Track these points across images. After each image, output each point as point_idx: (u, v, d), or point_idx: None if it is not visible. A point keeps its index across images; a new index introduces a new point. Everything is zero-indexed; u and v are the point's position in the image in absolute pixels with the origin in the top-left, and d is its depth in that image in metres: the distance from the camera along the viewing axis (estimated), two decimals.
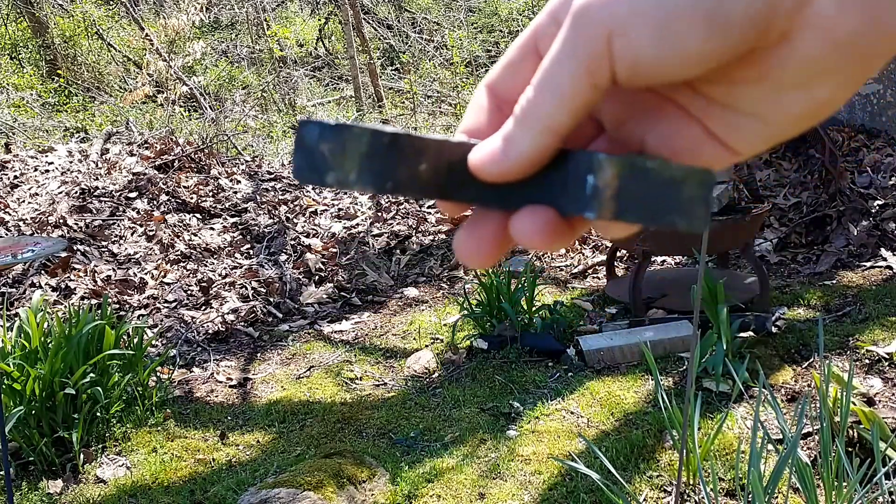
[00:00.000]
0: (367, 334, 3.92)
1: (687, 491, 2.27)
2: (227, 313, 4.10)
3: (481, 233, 0.34)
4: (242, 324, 4.05)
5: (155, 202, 5.33)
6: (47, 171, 5.76)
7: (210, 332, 3.93)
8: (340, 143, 0.30)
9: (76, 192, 5.27)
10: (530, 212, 0.32)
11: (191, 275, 4.49)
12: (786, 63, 0.29)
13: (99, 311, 3.09)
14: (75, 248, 4.59)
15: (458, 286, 4.41)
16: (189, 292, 4.31)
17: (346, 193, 5.91)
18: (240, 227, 5.22)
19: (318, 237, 5.18)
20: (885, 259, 4.00)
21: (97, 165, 5.88)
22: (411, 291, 4.45)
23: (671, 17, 0.28)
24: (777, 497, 2.11)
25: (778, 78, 0.29)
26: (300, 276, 4.62)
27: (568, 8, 0.31)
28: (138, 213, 5.14)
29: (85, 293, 4.16)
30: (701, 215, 0.29)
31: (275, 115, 10.56)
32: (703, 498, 2.21)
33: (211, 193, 5.67)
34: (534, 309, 3.55)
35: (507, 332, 3.44)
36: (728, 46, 0.28)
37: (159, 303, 4.20)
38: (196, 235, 5.00)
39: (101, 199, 5.21)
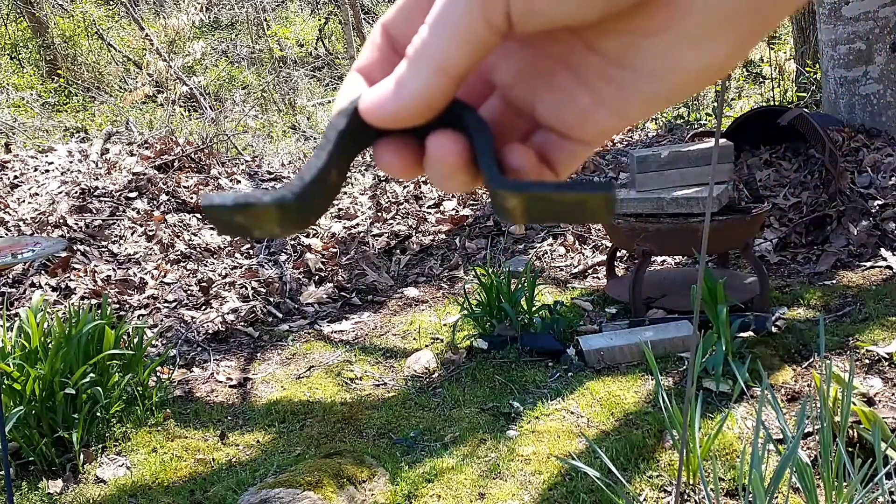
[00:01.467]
0: (367, 334, 3.92)
1: (687, 491, 2.27)
2: (227, 313, 4.10)
3: (399, 146, 0.33)
4: (242, 324, 4.05)
5: (155, 202, 5.33)
6: (47, 171, 5.76)
7: (210, 332, 3.93)
8: (252, 216, 0.31)
9: (76, 192, 5.27)
10: (452, 137, 0.32)
11: (191, 275, 4.49)
12: (686, 14, 0.28)
13: (99, 311, 3.09)
14: (75, 248, 4.59)
15: (458, 286, 4.41)
16: (189, 292, 4.31)
17: (345, 193, 5.91)
18: None
19: (318, 237, 5.19)
20: (885, 259, 4.00)
21: (97, 165, 5.88)
22: (411, 291, 4.45)
23: None
24: (777, 497, 2.11)
25: (677, 30, 0.29)
26: (300, 276, 4.63)
27: None
28: (138, 213, 5.14)
29: (85, 293, 4.16)
30: (605, 219, 0.31)
31: (275, 115, 10.56)
32: (703, 498, 2.21)
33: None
34: (534, 309, 3.55)
35: (507, 332, 3.43)
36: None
37: (159, 303, 4.20)
38: (196, 235, 5.00)
39: (101, 199, 5.21)
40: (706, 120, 6.97)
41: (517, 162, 0.33)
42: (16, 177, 5.60)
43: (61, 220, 4.83)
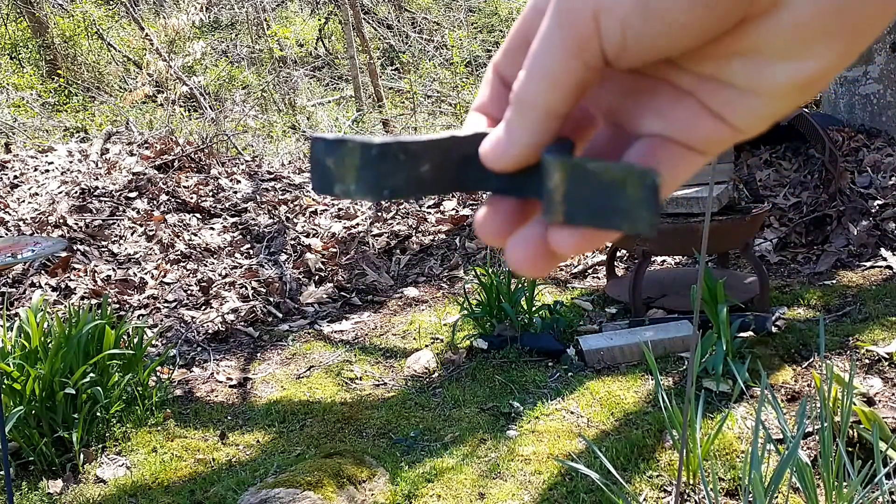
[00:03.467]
0: (367, 334, 3.92)
1: (687, 491, 2.27)
2: (227, 313, 4.10)
3: (502, 216, 0.34)
4: (242, 324, 4.05)
5: (155, 202, 5.33)
6: (47, 170, 5.76)
7: (210, 331, 3.93)
8: (340, 157, 0.32)
9: (76, 192, 5.27)
10: (523, 238, 0.33)
11: (191, 275, 4.49)
12: (776, 32, 0.28)
13: (99, 311, 3.09)
14: (75, 248, 4.59)
15: (458, 286, 4.41)
16: (189, 292, 4.31)
17: None
18: (240, 226, 5.22)
19: (318, 237, 5.18)
20: (885, 259, 4.00)
21: (97, 165, 5.88)
22: (411, 291, 4.44)
23: None
24: (777, 497, 2.11)
25: (769, 49, 0.29)
26: (300, 276, 4.62)
27: None
28: (138, 212, 5.14)
29: (85, 293, 4.16)
30: (645, 218, 0.29)
31: (275, 115, 10.56)
32: (703, 498, 2.21)
33: (211, 193, 5.67)
34: (534, 309, 3.54)
35: (507, 332, 3.43)
36: (716, 17, 0.28)
37: (159, 303, 4.20)
38: (196, 235, 5.00)
39: (101, 198, 5.21)
40: None
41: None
42: (16, 177, 5.60)
43: (61, 220, 4.83)
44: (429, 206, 5.52)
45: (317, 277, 4.63)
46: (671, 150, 0.33)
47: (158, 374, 3.37)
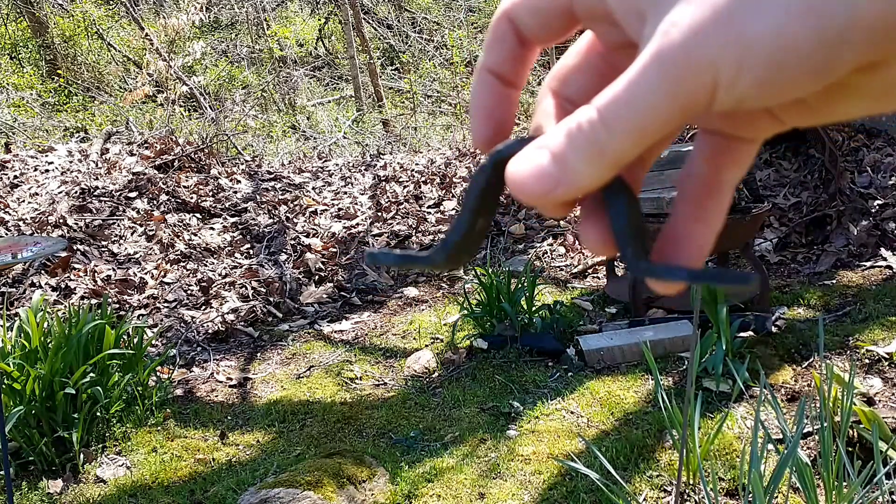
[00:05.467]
0: (367, 334, 3.92)
1: (687, 491, 2.27)
2: (227, 313, 4.10)
3: (599, 224, 0.32)
4: (242, 323, 4.05)
5: (155, 202, 5.33)
6: (47, 170, 5.76)
7: (210, 331, 3.93)
8: (407, 266, 0.33)
9: (76, 192, 5.27)
10: (596, 226, 0.32)
11: (191, 275, 4.49)
12: (875, 82, 0.27)
13: (99, 311, 3.09)
14: (75, 247, 4.59)
15: (458, 286, 4.41)
16: (189, 292, 4.31)
17: (345, 193, 5.90)
18: (240, 226, 5.22)
19: (318, 237, 5.18)
20: (885, 259, 4.00)
21: (97, 165, 5.88)
22: (411, 291, 4.45)
23: (787, 53, 0.25)
24: (777, 497, 2.11)
25: (858, 91, 0.28)
26: (300, 276, 4.62)
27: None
28: (138, 212, 5.14)
29: (85, 293, 4.16)
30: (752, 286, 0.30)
31: (275, 114, 10.56)
32: (703, 498, 2.21)
33: (211, 193, 5.67)
34: (534, 309, 3.55)
35: (507, 332, 3.43)
36: (823, 85, 0.26)
37: (159, 302, 4.20)
38: (196, 235, 5.00)
39: (101, 198, 5.21)
40: None
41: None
42: (16, 177, 5.60)
43: (61, 220, 4.83)
44: (429, 207, 5.51)
45: (317, 277, 4.63)
46: (732, 145, 0.32)
47: (158, 374, 3.37)
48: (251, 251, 4.91)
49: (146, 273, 4.46)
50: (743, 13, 0.25)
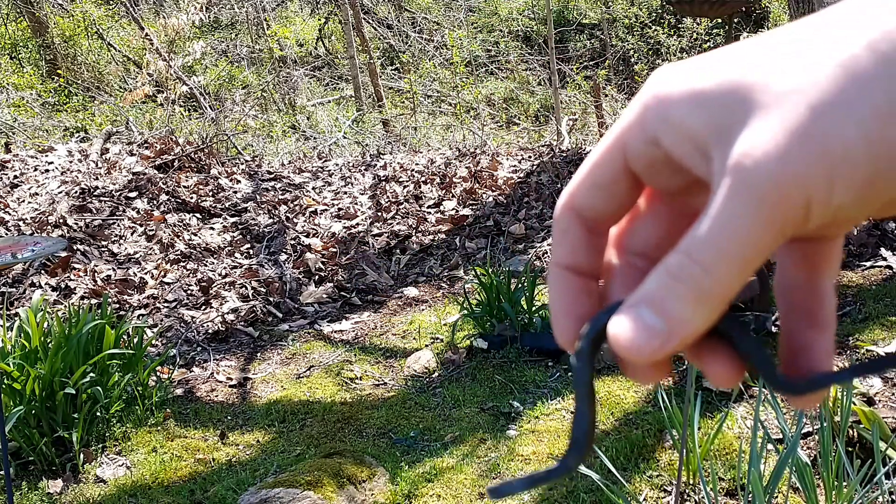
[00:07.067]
0: (367, 334, 3.92)
1: (687, 490, 2.27)
2: (227, 313, 4.10)
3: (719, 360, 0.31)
4: (242, 323, 4.05)
5: (155, 202, 5.33)
6: (47, 170, 5.76)
7: (210, 331, 3.93)
8: (541, 484, 0.32)
9: (76, 192, 5.27)
10: (728, 363, 0.30)
11: (191, 274, 4.49)
12: None
13: (99, 311, 3.09)
14: (75, 247, 4.59)
15: (458, 286, 4.41)
16: (189, 292, 4.31)
17: (345, 193, 5.91)
18: (240, 226, 5.22)
19: (318, 237, 5.18)
20: (885, 259, 4.00)
21: (97, 165, 5.88)
22: (411, 291, 4.45)
23: (880, 158, 0.24)
24: (777, 497, 2.11)
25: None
26: (300, 276, 4.62)
27: (660, 114, 0.27)
28: (138, 212, 5.15)
29: (85, 293, 4.16)
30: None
31: (275, 114, 10.56)
32: (703, 498, 2.21)
33: (211, 193, 5.67)
34: (534, 309, 3.55)
35: (507, 331, 3.44)
36: None
37: (159, 302, 4.20)
38: (196, 235, 5.00)
39: (101, 198, 5.21)
40: None
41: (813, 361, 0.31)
42: (16, 177, 5.60)
43: (61, 220, 4.83)
44: (429, 207, 5.52)
45: (317, 277, 4.63)
46: (821, 247, 0.31)
47: (158, 373, 3.37)
48: (251, 251, 4.91)
49: (146, 273, 4.46)
50: (824, 123, 0.24)
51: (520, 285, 3.52)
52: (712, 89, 0.26)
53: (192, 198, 5.48)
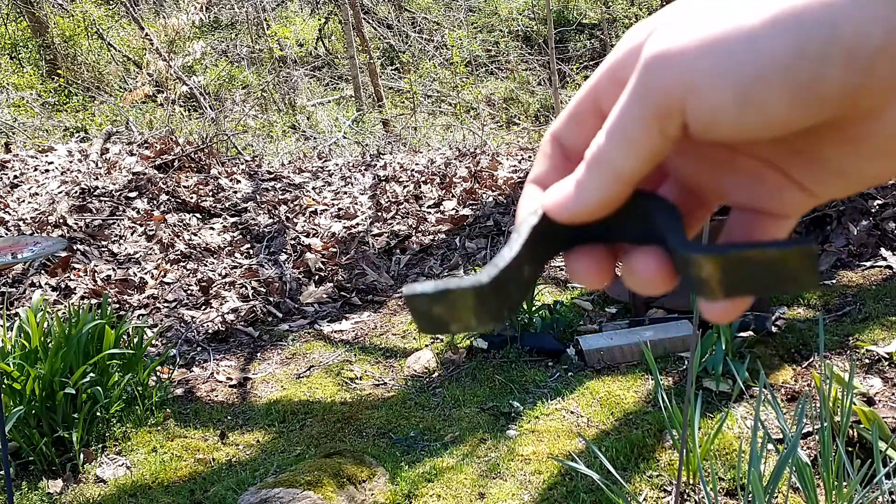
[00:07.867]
0: (367, 334, 3.92)
1: (687, 490, 2.27)
2: (227, 313, 4.10)
3: (588, 255, 0.36)
4: (242, 323, 4.05)
5: (155, 202, 5.33)
6: (47, 170, 5.76)
7: (210, 331, 3.93)
8: (450, 304, 0.32)
9: (76, 192, 5.27)
10: (654, 256, 0.34)
11: (191, 274, 4.49)
12: (875, 133, 0.28)
13: (99, 311, 3.09)
14: (75, 247, 4.59)
15: None
16: (189, 292, 4.31)
17: (345, 193, 5.91)
18: (240, 226, 5.22)
19: (318, 237, 5.18)
20: (885, 259, 4.00)
21: (97, 165, 5.88)
22: None
23: (756, 83, 0.26)
24: (777, 497, 2.11)
25: (864, 145, 0.29)
26: (300, 276, 4.62)
27: (629, 66, 0.31)
28: (138, 212, 5.14)
29: (85, 293, 4.16)
30: (809, 280, 0.29)
31: (275, 114, 10.56)
32: (703, 498, 2.21)
33: (211, 193, 5.67)
34: (534, 309, 3.55)
35: (507, 331, 3.44)
36: (813, 116, 0.27)
37: (159, 302, 4.20)
38: (196, 235, 5.00)
39: (101, 198, 5.21)
40: None
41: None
42: (16, 176, 5.60)
43: (61, 220, 4.83)
44: (429, 206, 5.52)
45: (317, 277, 4.63)
46: (764, 221, 0.34)
47: (158, 373, 3.37)
48: (251, 251, 4.91)
49: (146, 273, 4.46)
50: (714, 27, 0.27)
51: None
52: (644, 39, 0.31)
53: (192, 198, 5.48)
